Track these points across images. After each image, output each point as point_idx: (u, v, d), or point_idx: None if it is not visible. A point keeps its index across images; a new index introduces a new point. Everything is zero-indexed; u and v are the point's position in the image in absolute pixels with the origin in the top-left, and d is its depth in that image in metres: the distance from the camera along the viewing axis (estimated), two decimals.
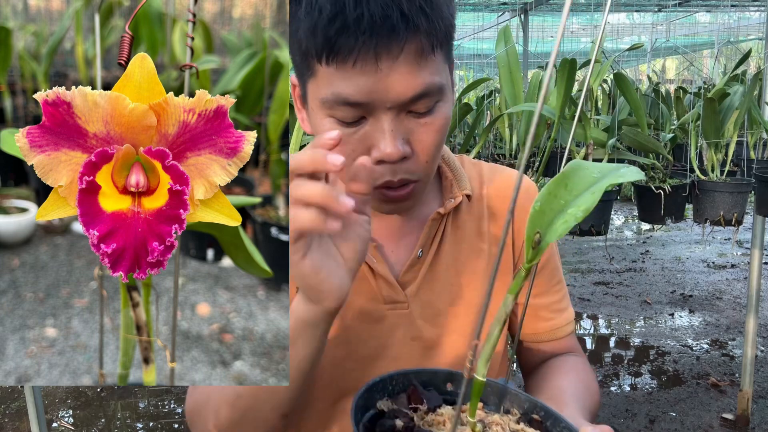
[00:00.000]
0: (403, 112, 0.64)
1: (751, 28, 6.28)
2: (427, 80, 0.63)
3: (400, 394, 0.55)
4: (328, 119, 0.65)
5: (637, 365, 3.21)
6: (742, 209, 2.16)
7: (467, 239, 0.79)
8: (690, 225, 5.75)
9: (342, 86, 0.62)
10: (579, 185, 0.45)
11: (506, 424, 0.52)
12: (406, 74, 0.61)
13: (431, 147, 0.67)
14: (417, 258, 0.76)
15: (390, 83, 0.61)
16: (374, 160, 0.64)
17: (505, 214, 0.81)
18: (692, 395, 2.85)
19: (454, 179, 0.79)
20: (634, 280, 4.55)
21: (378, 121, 0.64)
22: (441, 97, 0.66)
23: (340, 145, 0.64)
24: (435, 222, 0.77)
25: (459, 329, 0.78)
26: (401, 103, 0.63)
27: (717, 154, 2.25)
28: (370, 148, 0.65)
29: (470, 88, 2.46)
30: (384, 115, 0.63)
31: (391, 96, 0.62)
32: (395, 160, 0.64)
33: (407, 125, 0.65)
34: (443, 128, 0.67)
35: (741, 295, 4.13)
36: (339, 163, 0.50)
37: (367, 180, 0.55)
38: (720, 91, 2.29)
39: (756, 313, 2.48)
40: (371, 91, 0.61)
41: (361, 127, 0.64)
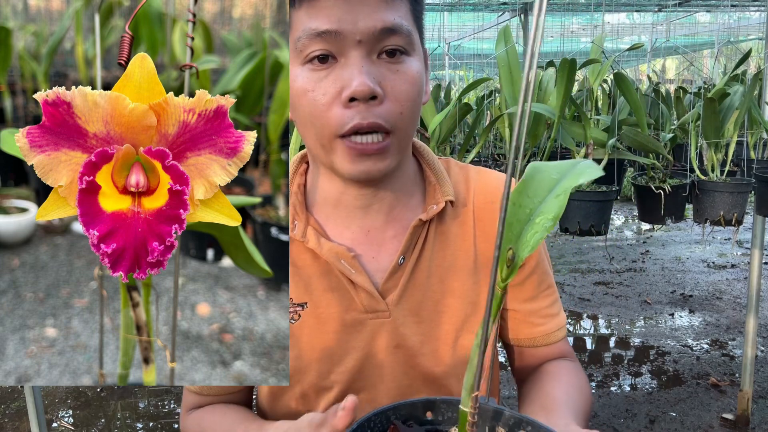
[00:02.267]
0: (373, 54, 0.65)
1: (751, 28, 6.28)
2: (396, 20, 0.65)
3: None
4: (302, 68, 0.66)
5: (637, 365, 3.21)
6: (742, 209, 2.16)
7: (451, 246, 0.78)
8: (690, 225, 5.75)
9: (313, 19, 0.64)
10: (540, 190, 0.43)
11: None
12: (374, 7, 0.64)
13: (404, 96, 0.67)
14: (398, 265, 0.75)
15: (358, 13, 0.63)
16: (345, 100, 0.64)
17: (492, 219, 0.79)
18: (692, 395, 2.85)
19: (438, 184, 0.78)
20: (634, 280, 4.55)
21: (348, 59, 0.65)
22: (408, 46, 0.67)
23: (312, 90, 0.65)
24: (417, 228, 0.76)
25: (442, 336, 0.77)
26: (371, 36, 0.64)
27: (717, 154, 2.25)
28: (340, 91, 0.65)
29: (470, 88, 2.46)
30: (354, 51, 0.64)
31: (360, 26, 0.64)
32: (366, 96, 0.64)
33: (378, 69, 0.66)
34: (416, 82, 0.68)
35: (741, 295, 4.12)
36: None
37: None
38: (720, 91, 2.29)
39: (756, 313, 2.48)
40: (340, 19, 0.63)
41: (332, 70, 0.65)
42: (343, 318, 0.75)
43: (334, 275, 0.75)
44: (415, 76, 0.67)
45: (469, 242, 0.79)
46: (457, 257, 0.78)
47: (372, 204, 0.75)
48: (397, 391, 0.77)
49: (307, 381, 0.76)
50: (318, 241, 0.74)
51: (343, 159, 0.68)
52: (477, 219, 0.80)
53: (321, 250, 0.74)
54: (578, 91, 2.89)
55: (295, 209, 0.76)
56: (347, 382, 0.76)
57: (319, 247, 0.74)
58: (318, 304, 0.75)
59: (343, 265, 0.74)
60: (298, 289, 0.76)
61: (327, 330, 0.75)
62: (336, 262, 0.74)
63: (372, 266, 0.76)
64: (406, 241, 0.75)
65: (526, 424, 0.52)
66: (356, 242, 0.76)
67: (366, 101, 0.64)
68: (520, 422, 0.52)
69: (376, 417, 0.52)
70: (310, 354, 0.76)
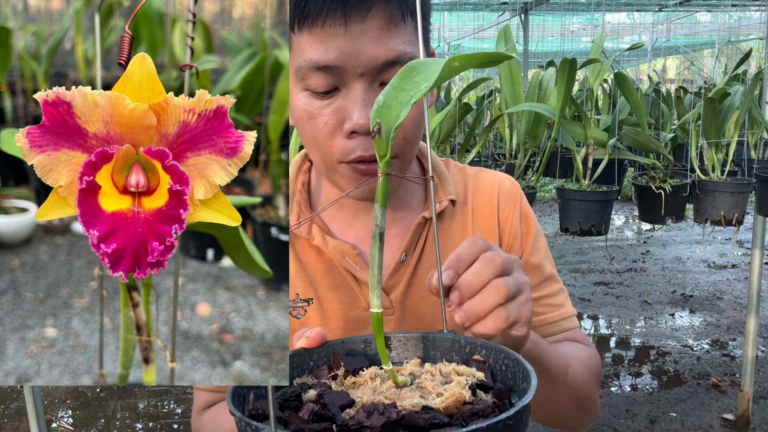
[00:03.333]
0: (376, 83, 0.64)
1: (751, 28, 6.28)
2: (399, 48, 0.63)
3: (321, 366, 0.53)
4: (303, 93, 0.66)
5: (637, 365, 3.21)
6: (742, 209, 2.16)
7: (453, 243, 0.78)
8: (690, 225, 5.74)
9: (313, 50, 0.63)
10: (428, 73, 0.42)
11: (437, 370, 0.50)
12: (376, 38, 0.62)
13: (408, 123, 0.66)
14: (401, 263, 0.76)
15: (360, 46, 0.62)
16: (347, 132, 0.64)
17: (491, 217, 0.81)
18: (693, 395, 2.85)
19: (440, 183, 0.79)
20: (635, 280, 4.55)
21: (350, 91, 0.64)
22: None
23: (314, 118, 0.65)
24: (419, 226, 0.76)
25: (439, 327, 0.78)
26: (373, 69, 0.63)
27: (717, 154, 2.25)
28: (342, 122, 0.65)
29: (470, 88, 2.46)
30: (356, 83, 0.63)
31: (361, 59, 0.62)
32: (367, 130, 0.63)
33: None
34: (419, 106, 0.66)
35: (741, 295, 4.12)
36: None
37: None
38: (720, 90, 2.29)
39: (756, 313, 2.48)
40: (341, 53, 0.62)
41: (334, 99, 0.65)
42: (347, 315, 0.76)
43: (338, 272, 0.75)
44: (418, 101, 0.67)
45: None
46: None
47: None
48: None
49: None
50: (323, 238, 0.75)
51: (347, 180, 0.69)
52: (476, 217, 0.81)
53: (326, 247, 0.74)
54: (578, 90, 2.89)
55: (300, 207, 0.77)
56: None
57: (324, 244, 0.74)
58: (322, 300, 0.76)
59: (348, 262, 0.74)
60: (304, 284, 0.76)
61: (331, 327, 0.75)
62: (341, 260, 0.74)
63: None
64: (409, 239, 0.76)
65: (480, 347, 0.51)
66: (360, 240, 0.77)
67: (368, 134, 0.64)
68: (476, 347, 0.51)
69: (323, 349, 0.54)
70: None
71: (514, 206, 0.82)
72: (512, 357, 0.48)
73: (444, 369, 0.50)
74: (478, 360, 0.50)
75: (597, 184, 2.14)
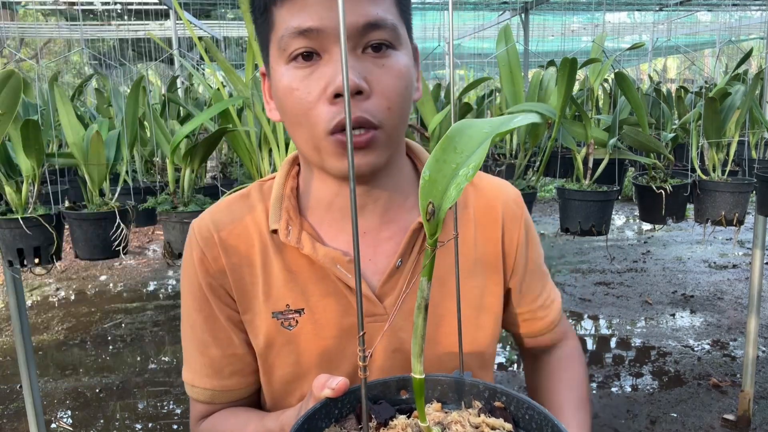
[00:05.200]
0: (358, 49, 0.64)
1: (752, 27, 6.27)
2: (379, 13, 0.64)
3: (349, 415, 0.52)
4: (286, 67, 0.65)
5: (638, 366, 3.20)
6: (743, 209, 2.15)
7: (449, 248, 0.77)
8: (691, 225, 5.73)
9: (296, 17, 0.63)
10: (470, 144, 0.40)
11: (465, 420, 0.49)
12: (356, 1, 0.63)
13: (391, 90, 0.66)
14: (396, 268, 0.74)
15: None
16: (330, 96, 0.64)
17: (494, 224, 0.80)
18: (693, 396, 2.85)
19: None
20: (635, 280, 4.54)
21: (332, 55, 0.64)
22: (394, 40, 0.66)
23: (297, 89, 0.65)
24: (416, 232, 0.75)
25: (442, 340, 0.77)
26: (353, 32, 0.63)
27: (718, 154, 2.24)
28: (326, 87, 0.64)
29: (470, 88, 2.45)
30: (337, 46, 0.64)
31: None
32: (351, 91, 0.63)
33: (364, 64, 0.65)
34: (403, 76, 0.67)
35: (742, 296, 4.12)
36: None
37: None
38: (721, 90, 2.28)
39: (757, 313, 2.48)
40: (323, 16, 0.63)
41: (316, 66, 0.64)
42: (340, 323, 0.74)
43: (331, 280, 0.74)
44: (402, 70, 0.66)
45: (470, 245, 0.79)
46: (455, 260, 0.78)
47: (366, 204, 0.74)
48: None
49: (306, 386, 0.76)
50: (313, 246, 0.73)
51: (332, 155, 0.67)
52: (477, 222, 0.80)
53: (317, 255, 0.73)
54: (579, 90, 2.88)
55: (289, 214, 0.75)
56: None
57: (314, 252, 0.73)
58: (315, 309, 0.74)
59: (339, 270, 0.73)
60: (294, 295, 0.75)
61: (325, 336, 0.74)
62: (332, 267, 0.73)
63: (369, 269, 0.75)
64: (405, 243, 0.74)
65: (500, 394, 0.51)
66: (351, 245, 0.75)
67: (351, 96, 0.64)
68: (495, 392, 0.51)
69: (345, 396, 0.52)
70: (309, 360, 0.75)
71: (521, 219, 0.82)
72: (537, 409, 0.48)
73: (473, 419, 0.49)
74: (500, 407, 0.50)
75: (597, 184, 2.13)
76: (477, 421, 0.49)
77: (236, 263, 0.75)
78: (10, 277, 1.94)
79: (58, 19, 6.58)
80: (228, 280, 0.75)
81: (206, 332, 0.77)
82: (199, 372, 0.78)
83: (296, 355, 0.75)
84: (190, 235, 0.78)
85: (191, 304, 0.77)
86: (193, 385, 0.79)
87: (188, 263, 0.78)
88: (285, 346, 0.75)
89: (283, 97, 0.67)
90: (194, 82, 3.79)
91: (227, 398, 0.79)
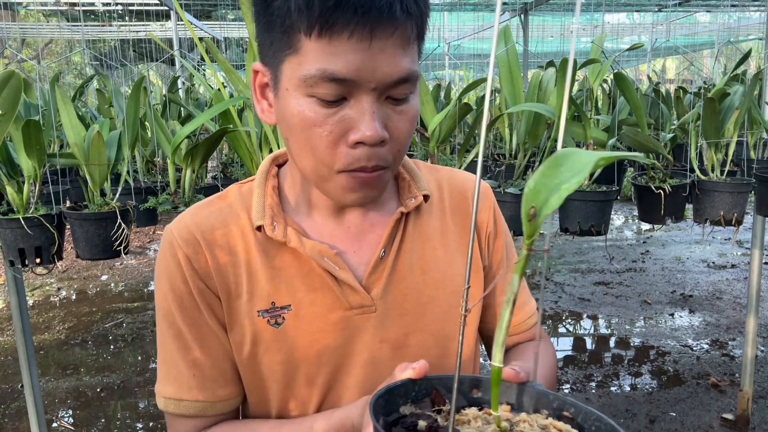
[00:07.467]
0: (383, 97, 0.65)
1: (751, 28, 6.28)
2: (410, 66, 0.64)
3: (424, 399, 0.55)
4: (306, 99, 0.64)
5: (637, 365, 3.21)
6: (742, 209, 2.16)
7: (431, 239, 0.80)
8: (690, 225, 5.74)
9: (330, 61, 0.62)
10: (574, 166, 0.46)
11: (534, 420, 0.52)
12: (394, 56, 0.63)
13: (405, 136, 0.68)
14: (380, 259, 0.76)
15: (379, 62, 0.62)
16: (352, 143, 0.64)
17: (466, 211, 0.83)
18: (692, 395, 2.85)
19: (412, 180, 0.80)
20: (634, 280, 4.55)
21: (359, 103, 0.64)
22: (414, 88, 0.67)
23: (317, 126, 0.65)
24: (398, 222, 0.77)
25: (426, 328, 0.79)
26: (385, 85, 0.63)
27: (717, 154, 2.25)
28: (347, 131, 0.64)
29: (470, 88, 2.46)
30: (366, 96, 0.63)
31: (377, 75, 0.62)
32: (375, 142, 0.64)
33: (385, 111, 0.65)
34: (415, 118, 0.69)
35: (741, 295, 4.12)
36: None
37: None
38: (720, 91, 2.29)
39: (756, 313, 2.48)
40: (359, 68, 0.62)
41: (340, 109, 0.64)
42: (328, 317, 0.75)
43: (317, 274, 0.74)
44: (415, 114, 0.68)
45: (448, 235, 0.82)
46: (437, 249, 0.80)
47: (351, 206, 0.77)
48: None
49: (296, 382, 0.76)
50: (300, 240, 0.74)
51: (340, 189, 0.68)
52: (452, 214, 0.83)
53: (304, 248, 0.73)
54: (578, 91, 2.89)
55: (273, 210, 0.75)
56: (337, 380, 0.76)
57: (301, 246, 0.73)
58: (302, 305, 0.75)
59: (326, 262, 0.73)
60: (279, 291, 0.75)
61: (313, 330, 0.75)
62: (319, 260, 0.73)
63: (354, 261, 0.77)
64: (387, 234, 0.76)
65: (569, 405, 0.53)
66: (336, 239, 0.76)
67: (373, 145, 0.65)
68: (564, 404, 0.53)
69: (422, 382, 0.56)
70: (298, 355, 0.75)
71: (490, 208, 0.86)
72: (604, 421, 0.50)
73: (540, 421, 0.52)
74: (567, 417, 0.52)
75: (597, 184, 2.14)
76: (545, 423, 0.51)
77: (222, 263, 0.75)
78: (11, 277, 1.94)
79: (59, 20, 6.60)
80: (214, 282, 0.74)
81: (194, 340, 0.75)
82: (187, 384, 0.75)
83: (284, 352, 0.75)
84: (169, 239, 0.75)
85: (175, 313, 0.75)
86: (180, 399, 0.76)
87: (169, 270, 0.75)
88: (273, 343, 0.75)
89: (297, 124, 0.66)
90: (195, 82, 3.80)
91: (219, 410, 0.77)
